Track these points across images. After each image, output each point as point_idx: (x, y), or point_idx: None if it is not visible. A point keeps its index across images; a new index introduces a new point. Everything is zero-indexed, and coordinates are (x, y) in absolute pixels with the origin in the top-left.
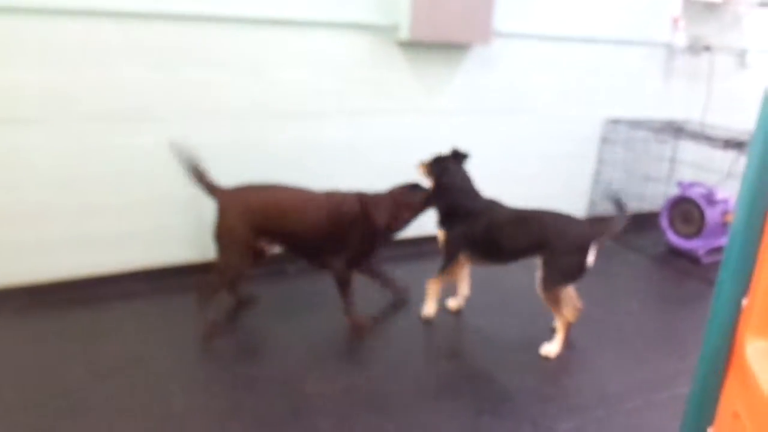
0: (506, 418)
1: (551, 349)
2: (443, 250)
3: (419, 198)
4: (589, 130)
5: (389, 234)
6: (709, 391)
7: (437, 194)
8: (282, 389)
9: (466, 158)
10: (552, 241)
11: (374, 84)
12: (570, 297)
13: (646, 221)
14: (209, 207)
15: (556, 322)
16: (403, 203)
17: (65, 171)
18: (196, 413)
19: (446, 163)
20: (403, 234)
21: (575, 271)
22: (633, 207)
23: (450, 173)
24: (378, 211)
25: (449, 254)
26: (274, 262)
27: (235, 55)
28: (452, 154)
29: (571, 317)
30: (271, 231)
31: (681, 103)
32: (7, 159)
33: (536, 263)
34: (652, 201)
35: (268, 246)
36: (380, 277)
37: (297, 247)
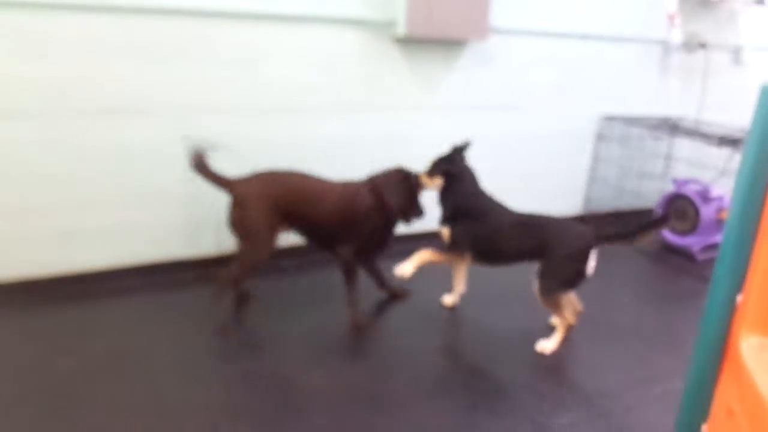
0: (501, 414)
1: (547, 346)
2: (448, 246)
3: (415, 178)
4: (585, 127)
5: (404, 217)
6: (704, 388)
7: (445, 192)
8: (277, 385)
9: (467, 147)
10: (551, 247)
11: (370, 80)
12: (570, 300)
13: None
14: (205, 202)
15: (555, 321)
16: (407, 182)
17: (59, 165)
18: (192, 409)
19: (452, 161)
20: (402, 231)
21: (574, 278)
22: (628, 204)
23: (458, 170)
24: (391, 197)
25: (455, 249)
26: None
27: (231, 51)
28: (454, 151)
29: (572, 320)
30: (291, 216)
31: (676, 100)
32: (1, 153)
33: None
34: (647, 198)
35: (285, 231)
36: (379, 278)
37: (312, 234)
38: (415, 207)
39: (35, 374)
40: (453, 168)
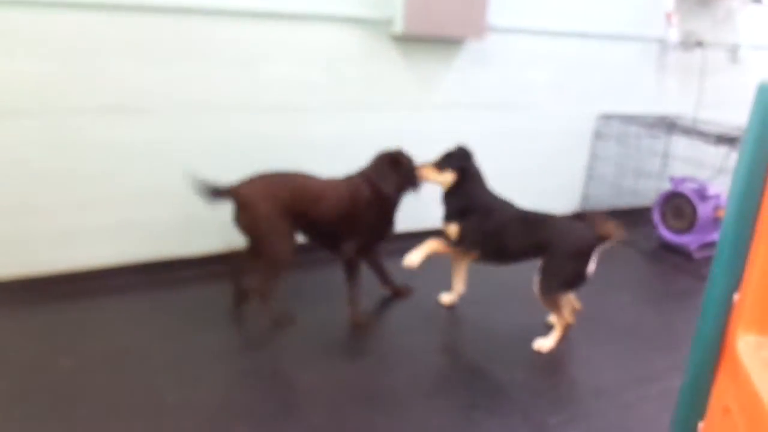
0: (498, 412)
1: (544, 344)
2: (459, 242)
3: (406, 156)
4: (582, 125)
5: (404, 193)
6: (701, 386)
7: (455, 189)
8: (276, 384)
9: (468, 149)
10: (553, 245)
11: (368, 78)
12: (568, 299)
13: (639, 216)
14: (199, 201)
15: (552, 319)
16: (396, 162)
17: (58, 164)
18: (190, 408)
19: (466, 158)
20: (401, 228)
21: (574, 279)
22: (626, 202)
23: (471, 167)
24: (385, 184)
25: (465, 243)
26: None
27: (228, 49)
28: (461, 148)
29: (570, 319)
30: (296, 216)
31: (674, 99)
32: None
33: (534, 264)
34: (645, 196)
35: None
36: (383, 275)
37: (316, 232)
38: (410, 182)
39: (34, 373)
40: (469, 165)
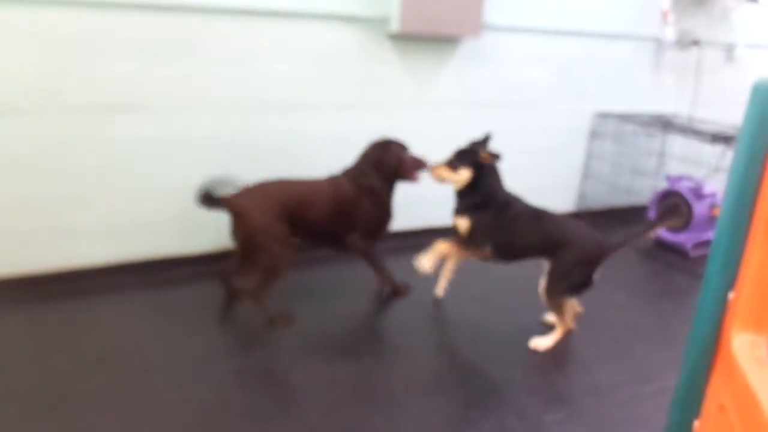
0: (494, 411)
1: (541, 343)
2: (468, 238)
3: (395, 142)
4: (579, 124)
5: (393, 182)
6: (696, 384)
7: (470, 185)
8: (272, 382)
9: (488, 141)
10: (565, 249)
11: (364, 77)
12: (571, 303)
13: (635, 215)
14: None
15: (549, 318)
16: (383, 152)
17: (55, 162)
18: (185, 406)
19: (477, 153)
20: (398, 227)
21: (581, 284)
22: (622, 200)
23: (491, 171)
24: (367, 180)
25: (475, 240)
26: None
27: (224, 47)
28: (475, 144)
29: (572, 324)
30: (292, 222)
31: (670, 97)
32: None
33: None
34: (641, 195)
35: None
36: (382, 273)
37: (315, 235)
38: (398, 172)
39: (28, 371)
40: (484, 164)
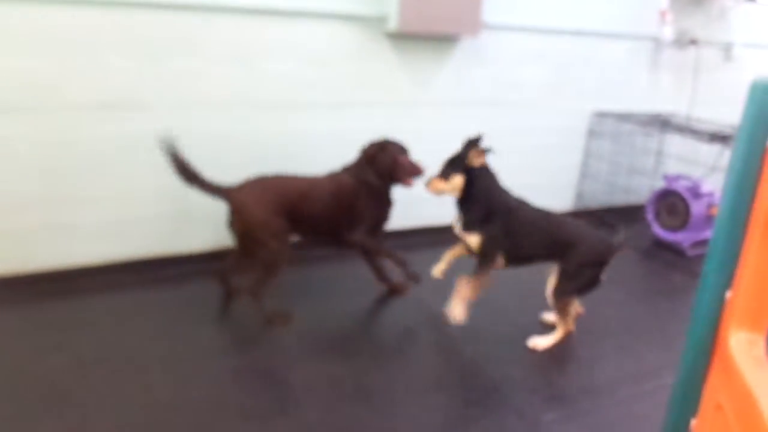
0: (493, 410)
1: (539, 342)
2: (480, 253)
3: (393, 144)
4: (577, 123)
5: (389, 182)
6: (693, 383)
7: (467, 193)
8: (269, 381)
9: (480, 141)
10: (575, 251)
11: (362, 75)
12: (574, 304)
13: (632, 214)
14: (195, 198)
15: (547, 317)
16: (380, 151)
17: (50, 160)
18: (181, 405)
19: (465, 157)
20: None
21: (590, 284)
22: (620, 199)
23: (484, 175)
24: (366, 175)
25: (488, 255)
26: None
27: (222, 46)
28: (467, 146)
29: (572, 326)
30: (292, 218)
31: (667, 97)
32: None
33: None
34: (638, 194)
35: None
36: (379, 271)
37: (315, 231)
38: (393, 174)
39: (24, 370)
40: (476, 173)
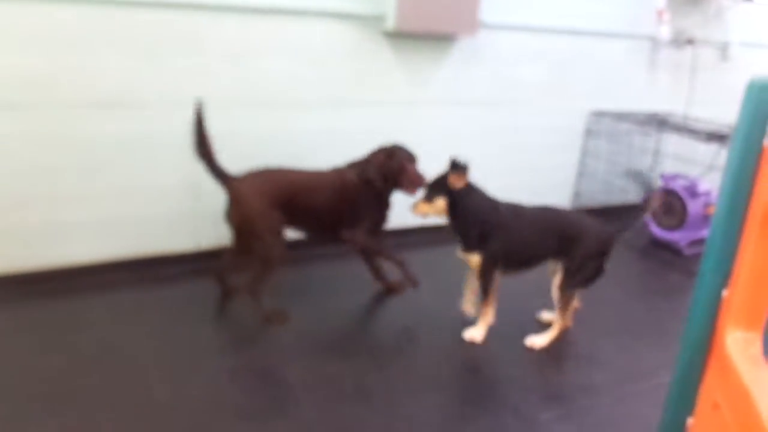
0: (490, 408)
1: (537, 341)
2: (480, 272)
3: (403, 151)
4: (574, 122)
5: (392, 185)
6: (690, 382)
7: (456, 214)
8: (267, 380)
9: (466, 167)
10: (578, 245)
11: (360, 74)
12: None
13: (630, 213)
14: (193, 196)
15: (544, 316)
16: (389, 157)
17: (46, 158)
18: (178, 404)
19: (446, 178)
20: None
21: (596, 274)
22: (617, 199)
23: (468, 194)
24: (372, 173)
25: (488, 275)
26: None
27: (219, 44)
28: (446, 171)
29: (570, 322)
30: (292, 211)
31: (664, 96)
32: None
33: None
34: (636, 193)
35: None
36: (377, 270)
37: (314, 225)
38: (405, 179)
39: (20, 370)
40: (461, 196)
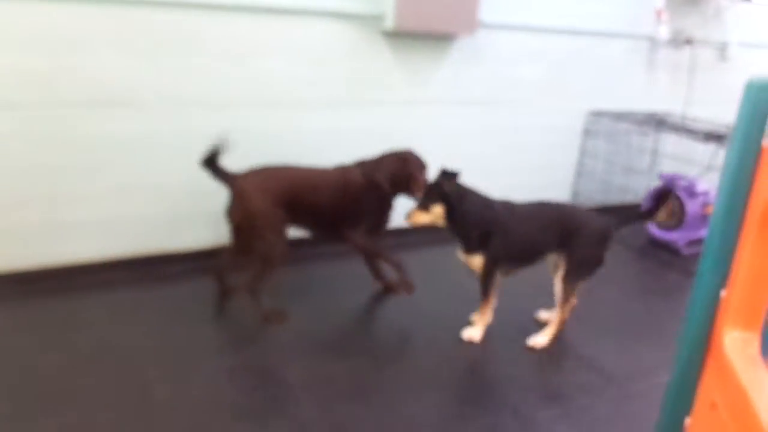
0: (488, 407)
1: (538, 341)
2: (482, 273)
3: (416, 158)
4: (572, 122)
5: (399, 189)
6: (688, 382)
7: (454, 219)
8: (266, 379)
9: (457, 175)
10: (578, 236)
11: (359, 74)
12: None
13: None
14: (191, 195)
15: (543, 315)
16: (401, 163)
17: (45, 157)
18: (177, 403)
19: (453, 188)
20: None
21: (597, 265)
22: (615, 198)
23: (455, 191)
24: (380, 174)
25: (490, 275)
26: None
27: (218, 43)
28: (441, 176)
29: (567, 314)
30: (294, 209)
31: (663, 96)
32: None
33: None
34: (634, 192)
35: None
36: (376, 269)
37: (316, 223)
38: (407, 185)
39: (19, 369)
40: (458, 200)
